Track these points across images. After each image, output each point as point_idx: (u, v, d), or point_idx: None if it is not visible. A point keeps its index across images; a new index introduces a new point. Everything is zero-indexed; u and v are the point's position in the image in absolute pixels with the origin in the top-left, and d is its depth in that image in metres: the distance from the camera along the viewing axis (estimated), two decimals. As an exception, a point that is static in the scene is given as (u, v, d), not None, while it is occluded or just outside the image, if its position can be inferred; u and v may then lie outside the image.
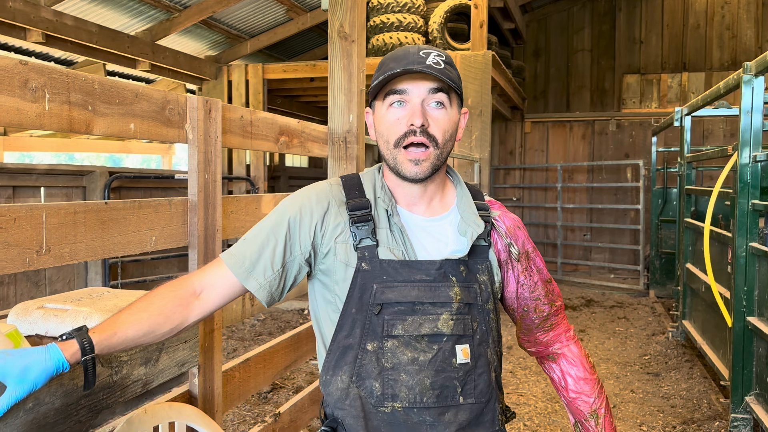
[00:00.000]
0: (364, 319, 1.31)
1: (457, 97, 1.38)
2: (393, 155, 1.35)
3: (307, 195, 1.42)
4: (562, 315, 1.56)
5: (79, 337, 1.16)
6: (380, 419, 1.31)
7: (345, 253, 1.35)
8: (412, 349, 1.30)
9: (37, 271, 5.46)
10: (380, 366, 1.30)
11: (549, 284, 1.53)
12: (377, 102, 1.39)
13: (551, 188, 10.44)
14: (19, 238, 1.50)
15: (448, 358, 1.31)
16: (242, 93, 8.02)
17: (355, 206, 1.37)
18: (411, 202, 1.41)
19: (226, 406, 2.37)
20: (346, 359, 1.33)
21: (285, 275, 1.38)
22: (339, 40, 3.24)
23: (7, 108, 1.47)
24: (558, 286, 1.57)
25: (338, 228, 1.37)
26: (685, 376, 4.94)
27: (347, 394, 1.32)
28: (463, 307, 1.33)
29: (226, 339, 5.98)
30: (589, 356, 1.57)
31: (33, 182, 5.37)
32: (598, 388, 1.52)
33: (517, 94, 9.79)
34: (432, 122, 1.33)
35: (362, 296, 1.31)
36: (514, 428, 3.95)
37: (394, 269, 1.32)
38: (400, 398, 1.30)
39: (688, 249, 5.60)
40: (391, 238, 1.36)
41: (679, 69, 10.58)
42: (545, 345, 1.56)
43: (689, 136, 5.73)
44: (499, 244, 1.45)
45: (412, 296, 1.31)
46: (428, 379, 1.30)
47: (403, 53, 1.35)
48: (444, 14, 7.51)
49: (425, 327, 1.30)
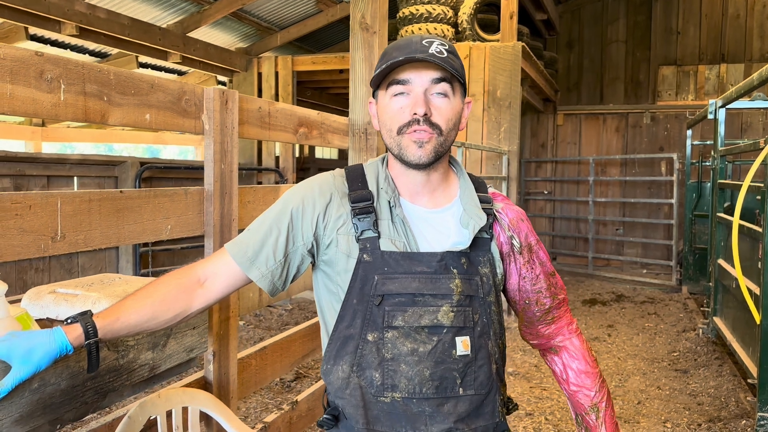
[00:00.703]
0: (365, 310, 1.32)
1: (460, 87, 1.38)
2: (396, 141, 1.35)
3: (310, 186, 1.43)
4: (564, 308, 1.55)
5: (83, 321, 1.19)
6: (380, 409, 1.32)
7: (347, 244, 1.36)
8: (412, 340, 1.31)
9: (71, 258, 5.60)
10: (380, 356, 1.31)
11: (552, 277, 1.52)
12: (380, 92, 1.39)
13: (583, 181, 10.30)
14: (34, 224, 1.55)
15: (448, 349, 1.31)
16: (272, 85, 8.07)
17: (357, 198, 1.38)
18: (414, 192, 1.41)
19: (241, 393, 2.41)
20: (347, 349, 1.34)
21: (287, 265, 1.40)
22: (361, 32, 3.25)
23: (23, 98, 1.51)
24: (562, 280, 1.56)
25: (340, 219, 1.38)
26: (713, 374, 4.84)
27: (348, 383, 1.33)
28: (463, 299, 1.33)
29: (253, 328, 6.06)
30: (591, 350, 1.56)
31: (66, 172, 5.50)
32: (600, 382, 1.51)
33: (549, 86, 9.67)
34: (435, 111, 1.33)
35: (363, 287, 1.32)
36: (536, 422, 3.92)
37: (395, 261, 1.32)
38: (399, 389, 1.30)
39: (720, 244, 5.47)
40: (392, 229, 1.36)
41: (717, 60, 10.32)
42: (547, 338, 1.55)
43: (723, 128, 5.59)
44: (501, 236, 1.44)
45: (413, 288, 1.31)
46: (428, 370, 1.30)
47: (406, 42, 1.34)
48: (474, 5, 7.45)
49: (425, 318, 1.31)
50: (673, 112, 10.11)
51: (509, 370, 4.91)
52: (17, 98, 1.50)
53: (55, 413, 1.25)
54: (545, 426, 3.88)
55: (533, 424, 3.90)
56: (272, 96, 8.04)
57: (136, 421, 1.63)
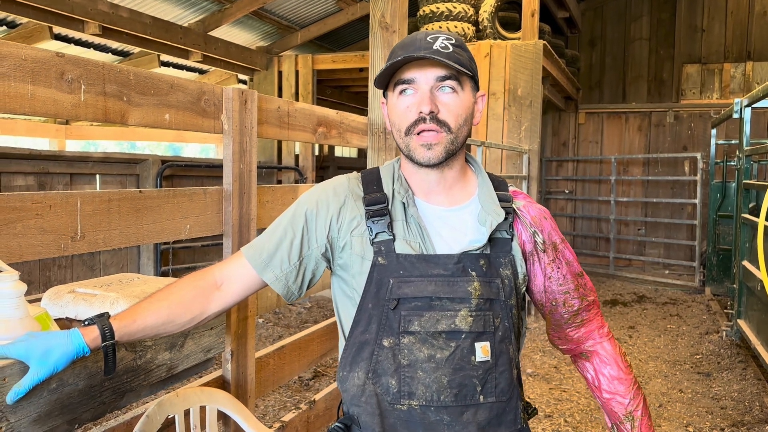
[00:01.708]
0: (380, 315, 1.29)
1: (470, 80, 1.35)
2: (405, 143, 1.33)
3: (325, 189, 1.42)
4: (595, 311, 1.49)
5: (100, 323, 1.20)
6: (396, 417, 1.28)
7: (361, 246, 1.34)
8: (429, 346, 1.27)
9: (93, 255, 5.67)
10: (396, 363, 1.28)
11: (580, 278, 1.47)
12: (389, 92, 1.38)
13: (605, 181, 10.19)
14: (54, 224, 1.56)
15: (467, 355, 1.28)
16: (292, 83, 8.10)
17: (371, 201, 1.36)
18: (429, 191, 1.38)
19: (259, 392, 2.41)
20: (362, 355, 1.31)
21: (303, 269, 1.38)
22: (380, 30, 3.24)
23: (43, 99, 1.53)
24: (591, 281, 1.50)
25: (354, 221, 1.36)
26: (737, 377, 4.77)
27: (363, 390, 1.30)
28: (483, 303, 1.29)
29: (272, 326, 6.08)
30: (625, 355, 1.50)
31: (89, 170, 5.56)
32: (635, 389, 1.45)
33: (571, 85, 9.58)
34: (442, 108, 1.30)
35: (378, 291, 1.29)
36: (555, 424, 3.89)
37: (411, 263, 1.29)
38: (416, 396, 1.27)
39: (744, 246, 5.39)
40: (408, 231, 1.33)
41: (743, 58, 10.16)
42: (577, 342, 1.50)
43: (749, 128, 5.49)
44: (523, 235, 1.40)
45: (429, 291, 1.28)
46: (446, 377, 1.27)
47: (410, 40, 1.33)
48: (495, 3, 7.40)
49: (442, 323, 1.27)
50: (698, 111, 9.97)
51: (528, 371, 4.88)
52: (38, 99, 1.51)
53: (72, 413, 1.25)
54: (564, 428, 3.84)
55: (552, 426, 3.87)
56: (292, 94, 8.06)
57: (154, 419, 1.64)
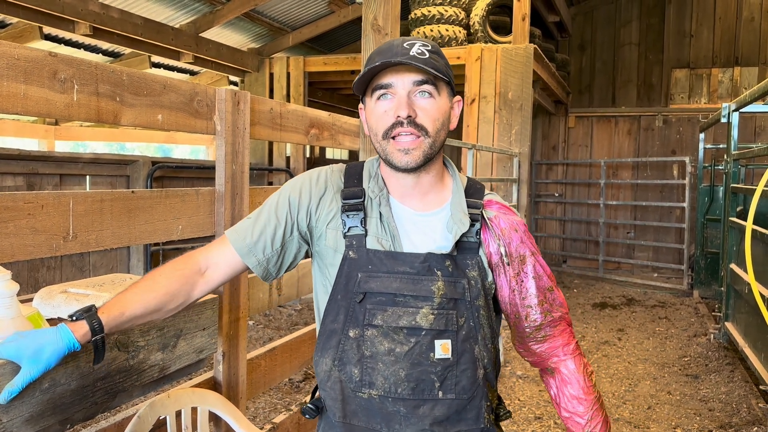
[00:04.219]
0: (347, 306, 1.34)
1: (446, 86, 1.37)
2: (383, 147, 1.35)
3: (309, 177, 1.46)
4: (561, 327, 1.47)
5: (88, 318, 1.21)
6: (357, 404, 1.34)
7: (334, 239, 1.39)
8: (390, 340, 1.32)
9: (82, 256, 5.63)
10: (360, 353, 1.33)
11: (549, 293, 1.45)
12: (366, 97, 1.39)
13: (594, 184, 10.24)
14: (46, 224, 1.56)
15: (426, 352, 1.31)
16: (283, 85, 8.09)
17: (348, 195, 1.40)
18: (404, 194, 1.41)
19: (250, 393, 2.41)
20: (330, 343, 1.36)
21: (284, 253, 1.43)
22: (372, 33, 3.24)
23: (36, 98, 1.52)
24: (563, 296, 1.49)
25: (330, 213, 1.40)
26: (725, 380, 4.80)
27: (329, 376, 1.35)
28: (446, 302, 1.32)
29: (263, 328, 6.07)
30: (592, 373, 1.48)
31: (79, 170, 5.53)
32: (594, 409, 1.44)
33: (561, 88, 9.63)
34: (420, 112, 1.32)
35: (347, 283, 1.34)
36: (545, 426, 3.91)
37: (379, 259, 1.34)
38: (376, 386, 1.32)
39: (732, 249, 5.43)
40: (380, 228, 1.37)
41: (731, 63, 10.23)
42: (540, 356, 1.48)
43: (736, 132, 5.55)
44: (491, 245, 1.41)
45: (393, 288, 1.32)
46: (403, 371, 1.31)
47: (388, 46, 1.35)
48: (486, 7, 7.43)
49: (404, 319, 1.31)
50: (686, 116, 10.05)
51: (518, 373, 4.89)
52: (31, 98, 1.50)
53: (65, 413, 1.25)
54: (554, 430, 3.86)
55: (542, 428, 3.88)
56: (284, 96, 8.06)
57: (145, 420, 1.64)
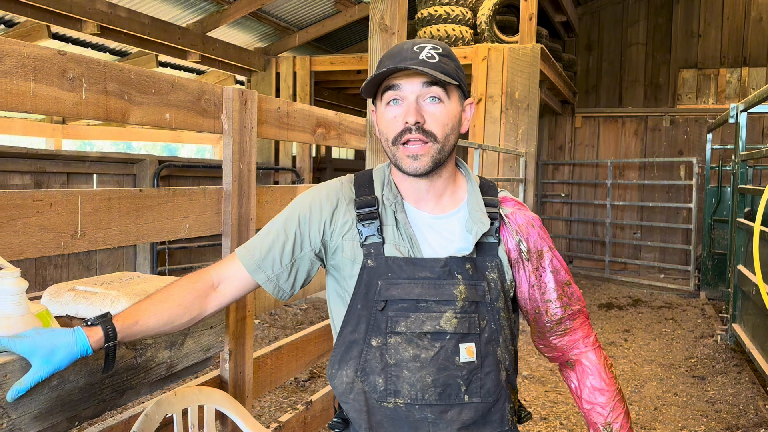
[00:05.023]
0: (368, 315, 1.33)
1: (457, 89, 1.36)
2: (392, 152, 1.35)
3: (318, 192, 1.44)
4: (580, 320, 1.49)
5: (103, 324, 1.21)
6: (383, 414, 1.32)
7: (351, 249, 1.37)
8: (415, 346, 1.31)
9: (89, 254, 5.65)
10: (384, 362, 1.32)
11: (567, 287, 1.47)
12: (377, 101, 1.39)
13: (601, 185, 10.22)
14: (54, 222, 1.56)
15: (451, 356, 1.31)
16: (290, 85, 8.10)
17: (362, 204, 1.39)
18: (418, 198, 1.41)
19: (257, 392, 2.41)
20: (351, 354, 1.35)
21: (295, 270, 1.42)
22: (379, 32, 3.24)
23: (45, 97, 1.53)
24: (579, 290, 1.51)
25: (346, 225, 1.39)
26: (732, 381, 4.78)
27: (351, 388, 1.34)
28: (468, 305, 1.32)
29: (268, 327, 6.08)
30: (611, 366, 1.51)
31: (86, 169, 5.55)
32: (616, 401, 1.45)
33: (568, 89, 9.61)
34: (429, 118, 1.31)
35: (367, 293, 1.34)
36: (551, 426, 3.90)
37: (399, 266, 1.33)
38: (402, 394, 1.31)
39: (740, 250, 5.41)
40: (397, 235, 1.37)
41: (738, 64, 10.19)
42: (561, 350, 1.50)
43: (744, 133, 5.52)
44: (509, 242, 1.42)
45: (415, 294, 1.31)
46: (430, 377, 1.30)
47: (398, 50, 1.34)
48: (493, 6, 7.41)
49: (427, 324, 1.31)
50: (693, 116, 10.01)
51: (524, 373, 4.89)
52: (40, 97, 1.51)
53: (73, 410, 1.25)
54: (560, 430, 3.85)
55: (548, 429, 3.87)
56: (290, 96, 8.06)
57: (152, 418, 1.64)
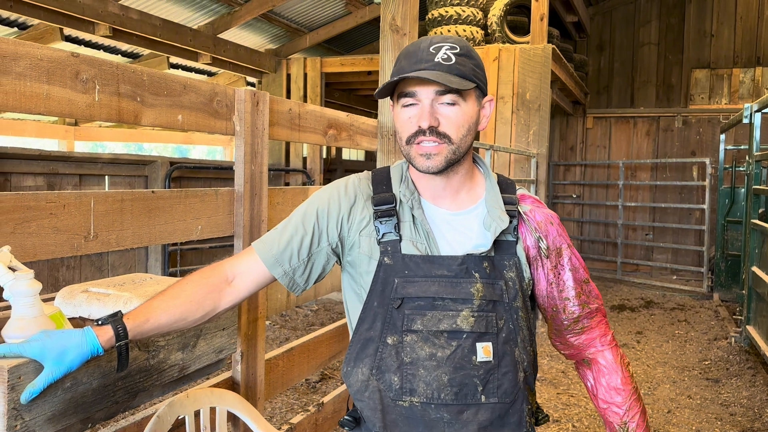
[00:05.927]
0: (385, 313, 1.32)
1: (474, 89, 1.34)
2: (407, 151, 1.35)
3: (336, 188, 1.44)
4: (598, 318, 1.49)
5: (113, 323, 1.20)
6: (398, 413, 1.31)
7: (368, 246, 1.37)
8: (431, 344, 1.30)
9: (101, 256, 5.68)
10: (399, 360, 1.30)
11: (585, 285, 1.47)
12: (393, 99, 1.38)
13: (613, 185, 10.16)
14: (68, 223, 1.57)
15: (468, 355, 1.30)
16: (300, 86, 8.11)
17: (380, 201, 1.38)
18: (436, 195, 1.40)
19: (268, 393, 2.41)
20: (367, 351, 1.34)
21: (312, 265, 1.41)
22: (391, 33, 3.24)
23: (59, 99, 1.53)
24: (597, 288, 1.50)
25: (363, 221, 1.39)
26: (746, 384, 4.74)
27: (366, 386, 1.33)
28: (485, 304, 1.31)
29: (279, 328, 6.08)
30: (628, 364, 1.49)
31: (98, 171, 5.58)
32: (632, 400, 1.44)
33: (579, 89, 9.56)
34: (443, 120, 1.30)
35: (384, 290, 1.32)
36: (563, 429, 3.87)
37: (416, 264, 1.32)
38: (417, 393, 1.29)
39: (754, 251, 5.36)
40: (414, 232, 1.36)
41: (752, 63, 10.10)
42: (578, 348, 1.50)
43: (758, 133, 5.47)
44: (528, 239, 1.41)
45: (432, 291, 1.30)
46: (446, 376, 1.29)
47: (414, 48, 1.32)
48: (504, 7, 7.39)
49: (444, 323, 1.30)
50: (706, 116, 9.94)
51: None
52: (53, 98, 1.51)
53: (86, 412, 1.25)
54: (572, 433, 3.82)
55: (560, 431, 3.85)
56: (301, 97, 8.08)
57: (164, 420, 1.64)
